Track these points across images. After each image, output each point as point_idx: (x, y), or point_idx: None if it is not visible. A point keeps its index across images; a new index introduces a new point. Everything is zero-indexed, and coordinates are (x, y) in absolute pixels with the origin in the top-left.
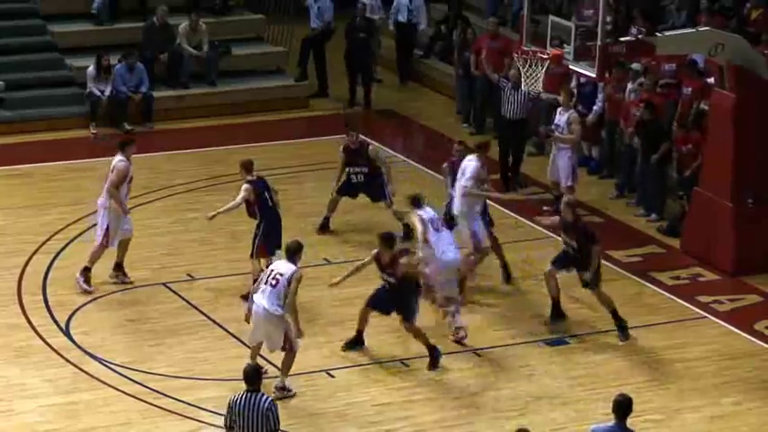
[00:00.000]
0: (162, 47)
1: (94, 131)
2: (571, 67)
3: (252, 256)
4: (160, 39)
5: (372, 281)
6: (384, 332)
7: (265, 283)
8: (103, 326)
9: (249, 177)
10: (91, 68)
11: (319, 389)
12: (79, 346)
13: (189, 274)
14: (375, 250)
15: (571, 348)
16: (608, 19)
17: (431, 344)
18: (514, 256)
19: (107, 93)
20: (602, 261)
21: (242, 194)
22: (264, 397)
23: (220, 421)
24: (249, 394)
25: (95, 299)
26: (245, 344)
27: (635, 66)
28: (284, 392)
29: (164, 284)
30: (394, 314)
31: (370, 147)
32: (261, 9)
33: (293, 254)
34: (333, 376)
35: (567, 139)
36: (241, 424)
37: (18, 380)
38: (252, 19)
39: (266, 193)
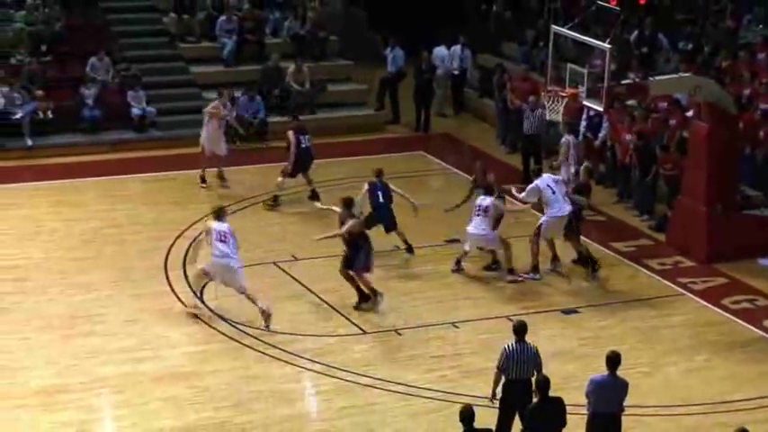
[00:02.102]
0: (275, 84)
1: None
2: (584, 102)
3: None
4: (274, 78)
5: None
6: (435, 302)
7: None
8: (228, 294)
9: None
10: None
11: (390, 344)
12: (210, 309)
13: (293, 256)
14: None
15: (581, 317)
16: (612, 66)
17: (360, 288)
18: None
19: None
20: (606, 249)
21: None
22: (530, 345)
23: (316, 367)
24: (518, 344)
25: None
26: (337, 311)
27: (630, 102)
28: (515, 276)
29: (273, 263)
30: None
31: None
32: (350, 56)
33: None
34: (401, 335)
35: (559, 159)
36: (514, 366)
37: (164, 334)
38: (343, 64)
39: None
